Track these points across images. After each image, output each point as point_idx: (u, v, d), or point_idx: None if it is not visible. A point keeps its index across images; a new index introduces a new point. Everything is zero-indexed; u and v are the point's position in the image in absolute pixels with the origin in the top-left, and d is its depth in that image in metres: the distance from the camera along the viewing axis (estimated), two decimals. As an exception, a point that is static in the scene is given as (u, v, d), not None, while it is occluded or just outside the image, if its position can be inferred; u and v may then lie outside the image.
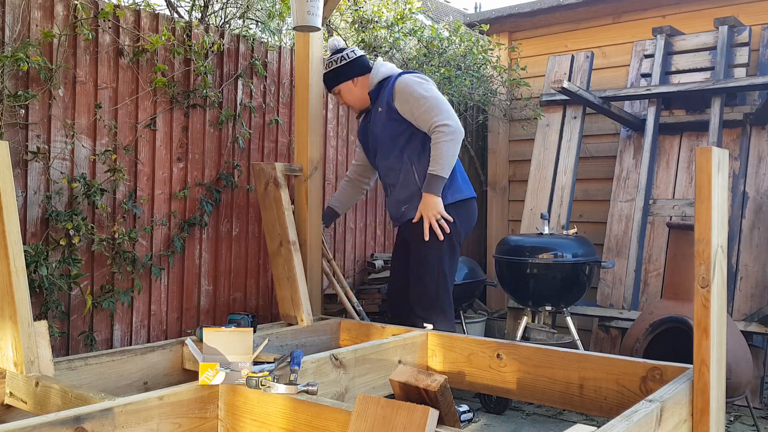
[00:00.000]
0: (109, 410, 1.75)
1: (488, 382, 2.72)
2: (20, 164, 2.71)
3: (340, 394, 2.45)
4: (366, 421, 1.63)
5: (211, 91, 3.37)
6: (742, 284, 4.01)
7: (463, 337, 2.87)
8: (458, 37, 4.96)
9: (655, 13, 4.96)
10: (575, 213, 4.92)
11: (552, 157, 4.79)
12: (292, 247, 3.22)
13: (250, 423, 1.96)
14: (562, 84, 4.26)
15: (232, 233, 3.56)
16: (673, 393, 1.97)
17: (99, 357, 2.46)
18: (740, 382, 3.18)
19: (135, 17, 3.08)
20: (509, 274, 3.82)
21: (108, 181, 3.00)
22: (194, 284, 3.39)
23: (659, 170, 4.54)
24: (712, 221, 2.00)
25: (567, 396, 2.51)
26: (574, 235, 3.85)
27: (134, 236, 3.08)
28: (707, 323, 2.01)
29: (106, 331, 3.04)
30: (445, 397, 1.68)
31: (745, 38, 4.47)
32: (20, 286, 2.15)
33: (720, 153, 2.07)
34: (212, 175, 3.46)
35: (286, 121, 3.84)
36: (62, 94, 2.85)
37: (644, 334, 3.35)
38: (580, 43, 5.23)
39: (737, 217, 4.12)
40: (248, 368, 2.00)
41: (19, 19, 2.70)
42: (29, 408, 2.11)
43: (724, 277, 2.13)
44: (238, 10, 3.82)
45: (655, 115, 4.48)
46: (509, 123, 5.44)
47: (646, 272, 4.35)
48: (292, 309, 3.21)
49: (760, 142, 4.25)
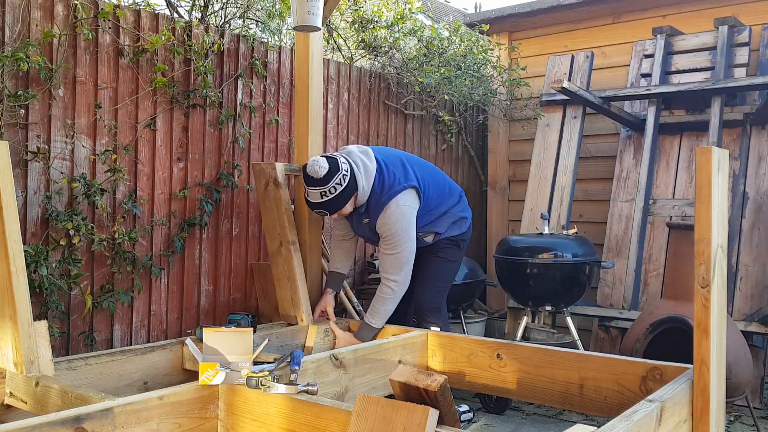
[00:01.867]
0: (109, 410, 1.75)
1: (488, 382, 2.72)
2: (20, 164, 2.71)
3: (340, 394, 2.45)
4: (366, 421, 1.63)
5: (211, 91, 3.37)
6: (742, 284, 4.01)
7: (463, 337, 2.87)
8: (458, 37, 4.96)
9: (655, 13, 4.96)
10: (575, 213, 4.92)
11: (552, 157, 4.79)
12: (292, 247, 3.22)
13: (250, 423, 1.96)
14: (562, 84, 4.26)
15: (232, 233, 3.57)
16: (673, 393, 1.97)
17: (99, 357, 2.46)
18: (740, 382, 3.18)
19: (135, 17, 3.08)
20: (509, 274, 3.82)
21: (108, 181, 3.00)
22: (194, 284, 3.39)
23: (659, 170, 4.54)
24: (712, 221, 2.00)
25: (567, 396, 2.51)
26: (574, 235, 3.85)
27: (134, 236, 3.08)
28: (707, 323, 2.01)
29: (106, 331, 3.04)
30: (445, 397, 1.68)
31: (745, 38, 4.47)
32: (20, 286, 2.15)
33: (720, 153, 2.07)
34: (212, 175, 3.46)
35: (286, 121, 3.84)
36: (62, 94, 2.85)
37: (644, 334, 3.35)
38: (579, 43, 5.23)
39: (737, 217, 4.12)
40: (248, 368, 1.99)
41: (19, 19, 2.70)
42: (29, 408, 2.11)
43: (724, 277, 2.13)
44: (238, 10, 3.82)
45: (655, 115, 4.48)
46: (509, 123, 5.44)
47: (646, 272, 4.35)
48: (292, 309, 3.21)
49: (760, 142, 4.25)
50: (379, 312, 3.09)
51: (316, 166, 2.89)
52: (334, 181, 2.91)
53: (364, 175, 3.01)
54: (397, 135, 4.73)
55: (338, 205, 2.97)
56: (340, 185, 2.92)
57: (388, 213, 3.01)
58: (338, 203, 2.97)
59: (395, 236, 3.03)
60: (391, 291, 3.07)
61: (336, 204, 2.96)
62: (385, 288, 3.08)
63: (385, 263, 3.08)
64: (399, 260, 3.05)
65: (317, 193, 2.94)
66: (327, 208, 2.99)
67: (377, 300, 3.09)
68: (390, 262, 3.06)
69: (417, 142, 4.91)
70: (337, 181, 2.91)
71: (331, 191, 2.92)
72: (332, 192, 2.92)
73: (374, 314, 3.09)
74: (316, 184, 2.91)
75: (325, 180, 2.90)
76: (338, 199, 2.95)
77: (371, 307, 3.11)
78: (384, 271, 3.10)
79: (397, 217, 3.02)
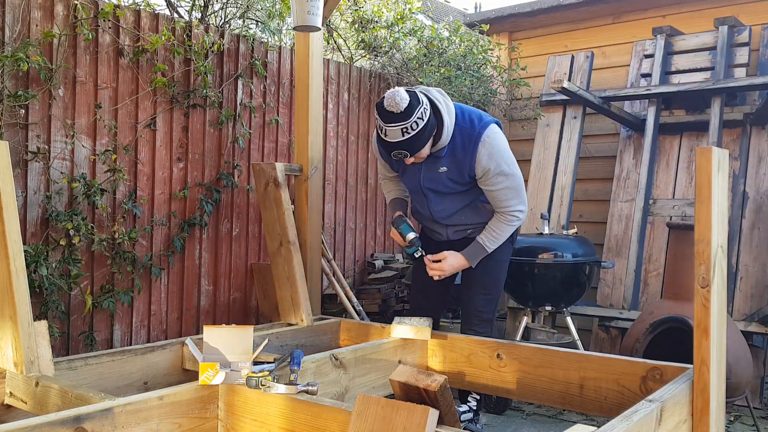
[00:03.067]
0: (109, 410, 1.75)
1: (488, 382, 2.72)
2: (20, 164, 2.71)
3: (340, 394, 2.45)
4: (366, 421, 1.63)
5: (211, 91, 3.37)
6: (742, 284, 4.01)
7: (463, 337, 2.87)
8: (458, 37, 4.96)
9: (655, 13, 4.96)
10: (575, 213, 4.92)
11: (552, 157, 4.79)
12: (292, 247, 3.22)
13: (250, 423, 1.96)
14: (562, 84, 4.26)
15: (232, 233, 3.56)
16: (673, 393, 1.97)
17: (99, 357, 2.46)
18: (740, 382, 3.18)
19: (135, 17, 3.08)
20: (509, 274, 3.82)
21: (108, 181, 3.00)
22: (194, 284, 3.39)
23: (659, 170, 4.54)
24: (712, 221, 2.00)
25: (567, 396, 2.51)
26: (574, 235, 3.85)
27: (134, 236, 3.08)
28: (707, 323, 2.01)
29: (106, 331, 3.04)
30: (445, 397, 1.68)
31: (745, 38, 4.47)
32: (20, 286, 2.15)
33: (720, 153, 2.07)
34: (212, 175, 3.46)
35: (286, 121, 3.84)
36: (62, 94, 2.85)
37: (644, 334, 3.35)
38: (580, 43, 5.23)
39: (737, 217, 4.12)
40: (248, 368, 1.99)
41: (19, 19, 2.70)
42: (29, 408, 2.11)
43: (724, 277, 2.13)
44: (238, 10, 3.82)
45: (655, 115, 4.48)
46: (509, 123, 5.44)
47: (646, 272, 4.35)
48: (292, 309, 3.21)
49: (760, 142, 4.25)
50: (498, 238, 2.84)
51: (397, 97, 2.50)
52: (416, 115, 2.53)
53: (447, 112, 2.67)
54: (397, 135, 4.72)
55: (421, 143, 2.60)
56: (422, 119, 2.55)
57: (490, 141, 2.70)
58: (421, 141, 2.60)
59: (505, 163, 2.75)
60: (517, 220, 2.84)
61: (419, 142, 2.59)
62: (510, 217, 2.82)
63: (503, 196, 2.78)
64: (518, 186, 2.80)
65: (398, 130, 2.53)
66: (408, 148, 2.59)
67: (499, 225, 2.83)
68: (508, 193, 2.78)
69: (417, 142, 4.90)
70: (419, 115, 2.54)
71: (413, 126, 2.53)
72: (415, 127, 2.54)
73: (493, 239, 2.84)
74: (397, 120, 2.51)
75: (407, 113, 2.51)
76: (421, 136, 2.58)
77: (489, 231, 2.84)
78: (504, 203, 2.79)
79: (499, 143, 2.74)
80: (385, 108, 2.53)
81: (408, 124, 2.53)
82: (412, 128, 2.54)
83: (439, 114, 2.64)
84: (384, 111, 2.54)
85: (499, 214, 2.84)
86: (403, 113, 2.51)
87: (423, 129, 2.57)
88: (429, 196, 2.90)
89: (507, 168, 2.76)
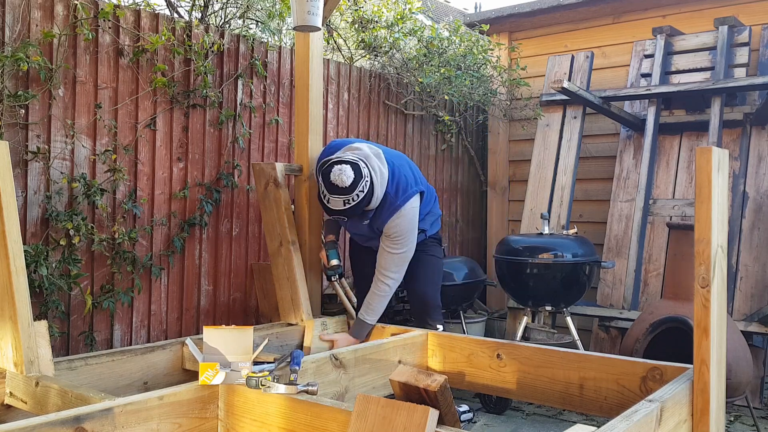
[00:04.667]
0: (109, 410, 1.75)
1: (488, 382, 2.72)
2: (20, 164, 2.71)
3: (340, 394, 2.45)
4: (366, 421, 1.63)
5: (211, 91, 3.37)
6: (742, 284, 4.01)
7: (463, 337, 2.87)
8: (458, 37, 4.96)
9: (655, 13, 4.96)
10: (575, 213, 4.91)
11: (552, 157, 4.79)
12: (292, 247, 3.22)
13: (250, 423, 1.96)
14: (562, 84, 4.26)
15: (232, 233, 3.57)
16: (673, 393, 1.97)
17: (99, 357, 2.46)
18: (740, 382, 3.18)
19: (135, 17, 3.08)
20: (509, 274, 3.82)
21: (108, 181, 3.00)
22: (194, 284, 3.39)
23: (659, 170, 4.54)
24: (712, 221, 2.00)
25: (567, 396, 2.51)
26: (574, 235, 3.85)
27: (134, 236, 3.08)
28: (707, 323, 2.01)
29: (106, 331, 3.04)
30: (445, 397, 1.68)
31: (745, 38, 4.47)
32: (20, 286, 2.15)
33: (720, 153, 2.07)
34: (212, 175, 3.46)
35: (286, 121, 3.84)
36: (62, 94, 2.85)
37: (644, 334, 3.35)
38: (580, 43, 5.23)
39: (737, 217, 4.12)
40: (248, 368, 1.99)
41: (19, 19, 2.70)
42: (29, 408, 2.11)
43: (724, 277, 2.13)
44: (238, 10, 3.82)
45: (655, 115, 4.48)
46: (509, 123, 5.44)
47: (646, 272, 4.35)
48: (292, 309, 3.21)
49: (760, 142, 4.25)
50: (375, 309, 3.12)
51: (343, 175, 2.79)
52: (358, 189, 2.83)
53: (380, 183, 2.96)
54: (397, 135, 4.73)
55: (358, 211, 2.91)
56: (362, 192, 2.85)
57: (402, 215, 3.02)
58: (359, 209, 2.90)
59: (404, 236, 3.06)
60: (388, 288, 3.11)
61: (357, 210, 2.89)
62: (382, 285, 3.11)
63: (387, 261, 3.09)
64: (402, 259, 3.10)
65: (340, 201, 2.84)
66: (347, 215, 2.92)
67: (373, 297, 3.12)
68: (393, 260, 3.08)
69: (417, 143, 4.91)
70: (360, 189, 2.83)
71: (354, 199, 2.83)
72: (355, 199, 2.84)
73: (370, 311, 3.13)
74: (341, 193, 2.82)
75: (350, 188, 2.81)
76: (359, 206, 2.88)
77: (366, 304, 3.14)
78: (384, 268, 3.10)
79: (409, 219, 3.05)
80: (331, 181, 2.83)
81: (350, 197, 2.83)
82: (353, 200, 2.84)
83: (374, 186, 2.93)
84: (329, 184, 2.84)
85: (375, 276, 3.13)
86: (347, 188, 2.81)
87: (362, 200, 2.87)
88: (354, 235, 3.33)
89: (403, 240, 3.06)
